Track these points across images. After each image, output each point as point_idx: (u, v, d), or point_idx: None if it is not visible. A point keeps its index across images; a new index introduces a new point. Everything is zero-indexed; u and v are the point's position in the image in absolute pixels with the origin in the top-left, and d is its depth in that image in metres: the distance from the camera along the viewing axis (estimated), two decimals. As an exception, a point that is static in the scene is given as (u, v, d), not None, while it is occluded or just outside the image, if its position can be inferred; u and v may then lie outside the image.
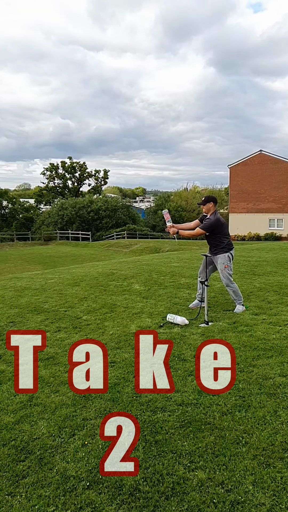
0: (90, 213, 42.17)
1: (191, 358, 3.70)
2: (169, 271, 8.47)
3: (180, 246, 26.22)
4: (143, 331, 4.91)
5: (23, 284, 7.89)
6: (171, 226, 4.99)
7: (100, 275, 8.43)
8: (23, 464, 2.37)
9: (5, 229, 43.30)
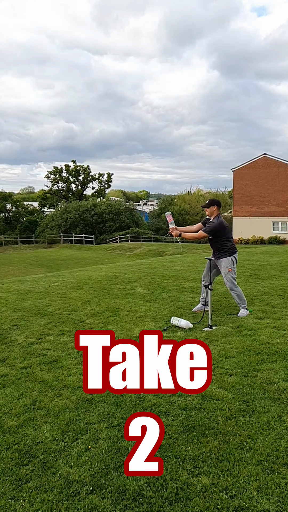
0: (94, 216, 42.27)
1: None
2: (173, 274, 8.46)
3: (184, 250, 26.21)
4: (148, 331, 4.91)
5: (27, 287, 7.91)
6: (174, 228, 5.00)
7: (104, 278, 8.44)
8: (26, 468, 2.37)
9: (9, 232, 43.47)
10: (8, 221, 46.24)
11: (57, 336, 4.64)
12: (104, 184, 56.65)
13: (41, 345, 4.39)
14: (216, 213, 5.08)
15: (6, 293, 7.37)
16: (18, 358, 4.04)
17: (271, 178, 35.35)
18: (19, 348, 4.34)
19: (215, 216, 5.07)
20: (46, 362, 3.90)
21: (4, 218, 46.20)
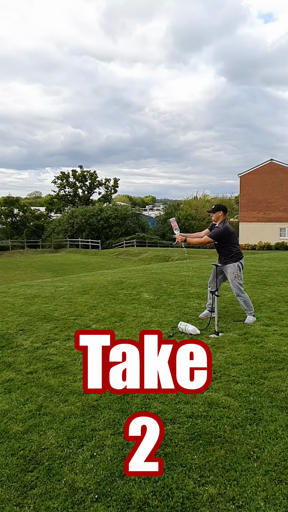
0: (100, 221, 42.40)
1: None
2: (179, 280, 8.44)
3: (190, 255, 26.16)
4: (148, 331, 4.93)
5: (33, 291, 7.93)
6: (180, 234, 5.00)
7: (110, 283, 8.44)
8: (31, 474, 2.35)
9: (16, 236, 43.73)
10: (15, 226, 46.53)
11: (63, 341, 4.64)
12: (110, 189, 56.87)
13: (47, 350, 4.39)
14: (222, 218, 5.06)
15: (13, 298, 7.39)
16: (24, 363, 4.04)
17: (278, 183, 35.25)
18: (25, 353, 4.34)
19: (220, 221, 5.06)
20: (51, 367, 3.89)
21: (11, 222, 46.50)
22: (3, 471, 2.38)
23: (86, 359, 2.38)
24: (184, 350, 2.35)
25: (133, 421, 2.26)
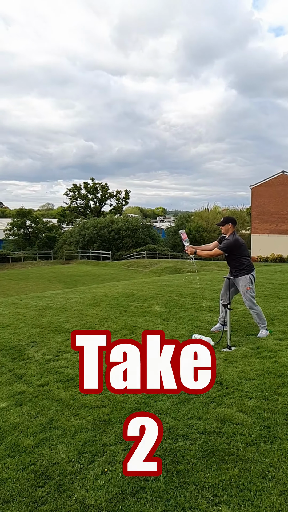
0: (111, 233, 42.61)
1: (214, 384, 3.61)
2: (190, 292, 8.39)
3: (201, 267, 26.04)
4: (150, 331, 4.92)
5: (45, 303, 7.97)
6: (189, 246, 5.01)
7: (121, 295, 8.43)
8: (42, 490, 2.33)
9: (28, 248, 44.17)
10: (28, 237, 47.05)
11: (74, 354, 4.63)
12: (121, 201, 57.23)
13: (58, 362, 4.38)
14: (231, 230, 5.04)
15: (25, 309, 7.43)
16: (35, 375, 4.04)
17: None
18: (36, 365, 4.34)
19: (230, 233, 5.04)
20: (63, 380, 3.88)
21: (23, 234, 47.04)
22: (14, 486, 2.36)
23: (82, 359, 2.39)
24: (187, 350, 2.35)
25: (131, 421, 2.26)
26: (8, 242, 45.68)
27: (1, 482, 2.41)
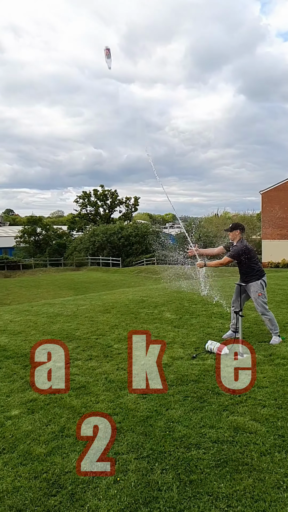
0: (121, 239, 42.72)
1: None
2: (201, 299, 8.34)
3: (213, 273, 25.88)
4: (136, 331, 4.95)
5: (56, 310, 8.00)
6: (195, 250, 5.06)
7: (131, 302, 8.43)
8: (55, 499, 2.32)
9: (39, 255, 44.51)
10: (38, 244, 47.42)
11: (85, 361, 4.63)
12: (131, 208, 57.42)
13: (69, 370, 4.39)
14: (239, 237, 5.02)
15: (35, 316, 7.47)
16: (46, 383, 4.04)
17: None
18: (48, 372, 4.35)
19: (238, 240, 5.02)
20: (74, 387, 3.88)
21: (34, 241, 47.44)
22: (26, 495, 2.36)
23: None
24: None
25: (85, 421, 2.30)
26: (19, 250, 46.09)
27: (14, 490, 2.41)
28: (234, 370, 4.08)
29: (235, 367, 4.15)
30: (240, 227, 5.08)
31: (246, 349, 4.50)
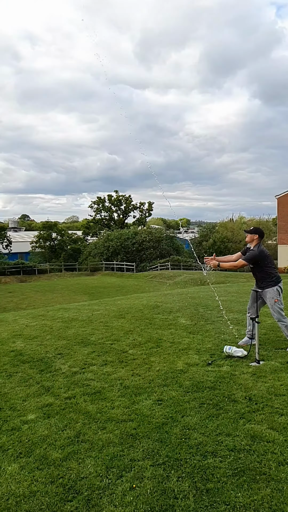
0: (135, 244, 42.82)
1: (242, 399, 3.53)
2: (216, 305, 8.29)
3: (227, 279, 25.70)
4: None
5: (71, 315, 8.05)
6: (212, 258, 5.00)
7: (145, 307, 8.42)
8: (71, 504, 2.33)
9: (54, 260, 44.93)
10: (54, 249, 47.89)
11: (100, 367, 4.64)
12: (145, 213, 57.55)
13: (84, 375, 4.40)
14: (256, 242, 4.97)
15: (51, 321, 7.54)
16: (62, 388, 4.07)
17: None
18: (63, 377, 4.38)
19: (255, 244, 4.97)
20: (89, 393, 3.89)
21: (49, 246, 47.94)
22: (43, 499, 2.37)
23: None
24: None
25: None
26: (34, 255, 46.64)
27: (31, 495, 2.42)
28: (250, 377, 4.03)
29: (251, 375, 4.10)
30: (260, 232, 5.03)
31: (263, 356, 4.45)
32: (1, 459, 2.85)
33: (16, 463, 2.78)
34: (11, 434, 3.18)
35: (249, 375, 4.10)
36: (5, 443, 3.05)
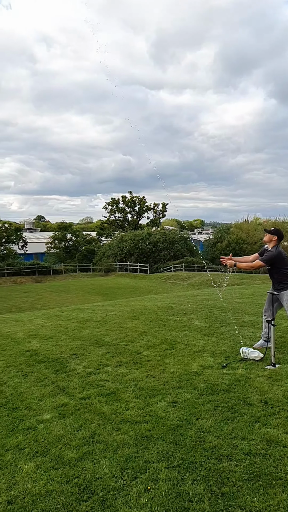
0: (149, 246, 42.81)
1: (258, 403, 3.49)
2: (231, 307, 8.23)
3: (242, 281, 25.48)
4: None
5: (85, 315, 8.11)
6: (229, 258, 4.95)
7: (159, 309, 8.42)
8: (86, 504, 2.34)
9: (69, 260, 45.33)
10: (68, 250, 48.31)
11: (115, 368, 4.66)
12: (159, 214, 57.52)
13: (99, 375, 4.43)
14: (274, 243, 4.92)
15: (66, 321, 7.60)
16: (77, 388, 4.10)
17: None
18: (78, 378, 4.41)
19: (273, 245, 4.92)
20: (104, 394, 3.91)
21: (64, 247, 48.38)
22: (58, 499, 2.40)
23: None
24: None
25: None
26: (49, 255, 47.14)
27: (47, 494, 2.45)
28: (266, 380, 3.99)
29: (267, 378, 4.06)
30: (280, 234, 4.98)
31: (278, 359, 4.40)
32: (18, 457, 2.89)
33: (32, 462, 2.81)
34: (27, 433, 3.22)
35: (265, 378, 4.06)
36: (21, 442, 3.09)
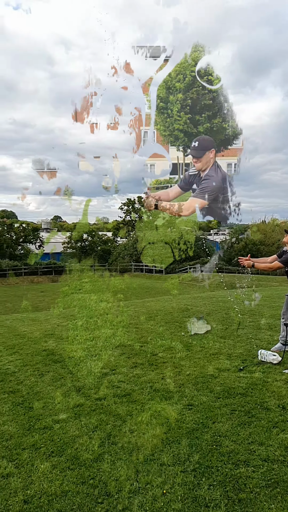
0: (165, 246, 42.75)
1: (276, 408, 3.43)
2: (248, 309, 8.12)
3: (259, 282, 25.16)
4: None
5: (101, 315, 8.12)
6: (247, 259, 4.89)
7: (175, 310, 8.38)
8: (101, 506, 2.34)
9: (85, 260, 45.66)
10: (84, 250, 48.65)
11: (130, 369, 4.66)
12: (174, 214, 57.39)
13: (114, 376, 4.43)
14: None
15: (82, 321, 7.64)
16: (92, 389, 4.11)
17: None
18: (93, 378, 4.42)
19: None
20: (119, 395, 3.91)
21: (80, 247, 48.74)
22: (74, 500, 2.40)
23: None
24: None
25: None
26: (66, 255, 47.59)
27: (63, 494, 2.46)
28: (284, 385, 3.92)
29: (285, 382, 3.99)
30: None
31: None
32: (34, 457, 2.91)
33: (48, 462, 2.83)
34: (43, 433, 3.24)
35: (283, 382, 3.99)
36: (37, 441, 3.11)
